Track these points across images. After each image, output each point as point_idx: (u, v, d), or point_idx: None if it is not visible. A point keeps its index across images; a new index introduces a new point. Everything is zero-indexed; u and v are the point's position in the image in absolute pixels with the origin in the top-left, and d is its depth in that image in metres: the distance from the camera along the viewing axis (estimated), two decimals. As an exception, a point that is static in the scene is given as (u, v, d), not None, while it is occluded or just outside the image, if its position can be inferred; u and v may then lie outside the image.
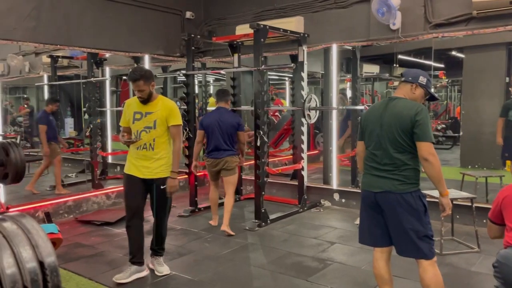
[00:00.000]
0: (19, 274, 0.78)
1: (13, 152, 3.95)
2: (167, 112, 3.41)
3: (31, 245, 0.83)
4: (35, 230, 0.85)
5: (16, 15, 5.06)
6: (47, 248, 0.83)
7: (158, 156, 3.43)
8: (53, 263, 0.82)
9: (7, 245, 0.80)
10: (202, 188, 6.82)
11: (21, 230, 0.85)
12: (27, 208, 5.15)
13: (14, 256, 0.80)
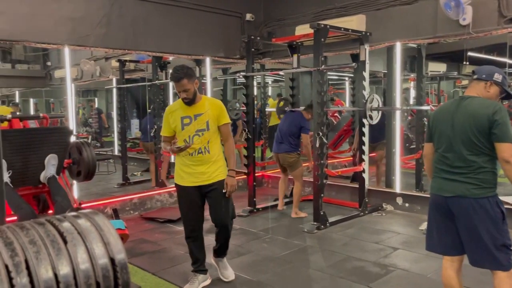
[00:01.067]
0: (92, 270, 0.82)
1: (85, 151, 4.21)
2: (218, 110, 3.23)
3: (103, 242, 0.86)
4: (107, 227, 0.89)
5: (89, 23, 5.38)
6: (118, 246, 0.86)
7: (214, 159, 3.24)
8: (123, 260, 0.84)
9: (81, 242, 0.84)
10: (260, 188, 6.86)
11: (94, 227, 0.88)
12: (97, 204, 5.46)
13: (87, 252, 0.83)
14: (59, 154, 3.90)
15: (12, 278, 0.74)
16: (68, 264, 0.80)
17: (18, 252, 0.78)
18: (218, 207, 3.29)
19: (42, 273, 0.77)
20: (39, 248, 0.80)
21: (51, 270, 0.78)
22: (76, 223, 0.89)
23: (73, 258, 0.82)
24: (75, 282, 0.80)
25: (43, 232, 0.84)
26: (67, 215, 0.93)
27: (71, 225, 0.88)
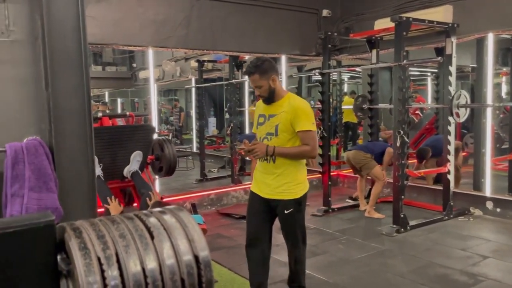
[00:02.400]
0: (177, 266, 0.82)
1: (167, 148, 4.41)
2: (292, 114, 2.63)
3: (188, 239, 0.86)
4: (191, 224, 0.89)
5: (170, 25, 5.62)
6: (201, 243, 0.86)
7: (280, 171, 2.68)
8: (207, 258, 0.84)
9: (167, 237, 0.85)
10: (336, 188, 6.71)
11: (179, 223, 0.89)
12: (176, 199, 5.70)
13: (173, 248, 0.84)
14: (143, 150, 4.12)
15: (103, 270, 0.77)
16: (155, 259, 0.82)
17: (109, 245, 0.80)
18: (282, 226, 2.84)
19: (131, 266, 0.79)
20: (128, 242, 0.82)
21: (139, 264, 0.80)
22: (162, 218, 0.90)
23: (159, 254, 0.83)
24: (161, 277, 0.81)
25: (132, 227, 0.86)
26: (153, 210, 0.95)
27: (158, 221, 0.89)
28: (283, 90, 2.78)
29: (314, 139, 2.69)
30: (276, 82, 2.70)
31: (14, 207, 1.54)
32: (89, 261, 0.76)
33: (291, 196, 2.69)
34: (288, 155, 2.68)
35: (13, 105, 1.66)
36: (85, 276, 0.75)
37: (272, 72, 2.69)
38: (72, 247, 0.78)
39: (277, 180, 2.70)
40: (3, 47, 1.62)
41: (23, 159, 1.57)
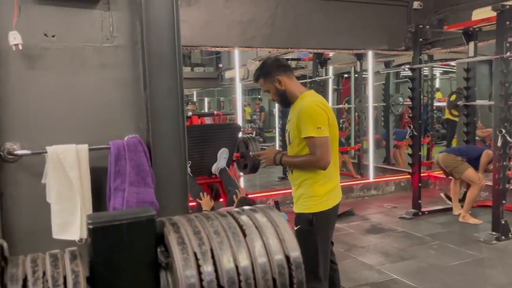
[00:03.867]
0: (269, 265, 0.82)
1: (252, 146, 4.50)
2: (298, 118, 2.30)
3: (279, 239, 0.86)
4: (282, 224, 0.89)
5: (256, 25, 5.71)
6: (293, 243, 0.86)
7: (297, 182, 2.39)
8: (298, 259, 0.83)
9: (259, 236, 0.86)
10: (426, 190, 6.33)
11: (270, 223, 0.89)
12: (260, 195, 5.79)
13: (264, 247, 0.84)
14: (229, 148, 4.25)
15: (199, 265, 0.79)
16: (247, 257, 0.83)
17: (204, 241, 0.83)
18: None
19: (225, 263, 0.81)
20: (222, 239, 0.84)
21: (232, 261, 0.82)
22: (253, 217, 0.91)
23: (252, 252, 0.84)
24: (253, 275, 0.81)
25: (225, 224, 0.88)
26: (245, 208, 0.96)
27: (249, 219, 0.91)
28: (298, 90, 2.40)
29: (320, 147, 2.25)
30: (283, 83, 2.37)
31: (116, 200, 1.67)
32: (187, 256, 0.80)
33: (301, 209, 2.37)
34: (293, 165, 2.41)
35: (116, 105, 1.80)
36: (183, 270, 0.78)
37: (276, 73, 2.37)
38: (171, 241, 0.82)
39: (296, 192, 2.43)
40: (108, 52, 1.76)
41: (124, 155, 1.69)
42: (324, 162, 2.27)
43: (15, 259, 0.75)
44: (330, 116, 2.32)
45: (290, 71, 2.44)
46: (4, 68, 1.60)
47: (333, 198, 2.36)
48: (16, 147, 1.61)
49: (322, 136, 2.24)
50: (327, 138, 2.26)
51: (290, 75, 2.41)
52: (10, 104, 1.62)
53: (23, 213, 1.64)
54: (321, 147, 2.25)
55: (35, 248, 1.60)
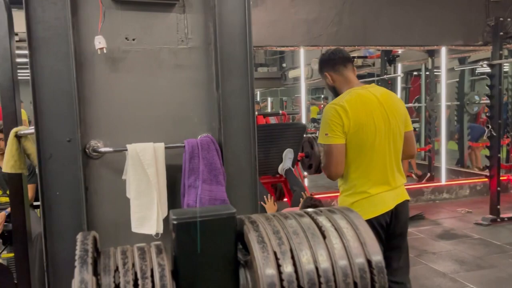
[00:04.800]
0: (349, 269, 0.80)
1: (316, 146, 4.45)
2: None
3: (360, 242, 0.83)
4: (363, 227, 0.86)
5: (322, 23, 5.65)
6: (374, 247, 0.83)
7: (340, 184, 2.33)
8: (381, 263, 0.80)
9: (339, 238, 0.84)
10: (506, 194, 5.89)
11: (350, 225, 0.87)
12: (324, 196, 5.71)
13: (345, 250, 0.82)
14: (294, 148, 4.23)
15: (279, 265, 0.79)
16: (327, 259, 0.81)
17: (284, 241, 0.83)
18: None
19: (305, 264, 0.80)
20: (301, 239, 0.83)
21: (312, 262, 0.81)
22: (332, 218, 0.90)
23: (332, 254, 0.82)
24: (334, 278, 0.80)
25: (303, 224, 0.87)
26: (323, 209, 0.95)
27: (328, 221, 0.89)
28: (347, 86, 2.28)
29: (327, 154, 2.18)
30: (330, 79, 2.32)
31: (190, 197, 1.72)
32: (267, 255, 0.80)
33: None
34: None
35: (190, 105, 1.85)
36: (264, 268, 0.78)
37: (325, 68, 2.33)
38: (251, 239, 0.82)
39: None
40: (183, 54, 1.82)
41: (198, 154, 1.74)
42: (327, 172, 2.22)
43: (107, 251, 0.80)
44: (357, 120, 2.12)
45: (341, 64, 2.29)
46: (90, 71, 1.71)
47: (363, 211, 2.11)
48: (100, 145, 1.71)
49: (328, 144, 2.16)
50: (334, 147, 2.13)
51: (340, 70, 2.30)
52: (94, 105, 1.72)
53: (106, 207, 1.74)
54: (326, 156, 2.19)
55: (116, 240, 1.70)
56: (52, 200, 1.65)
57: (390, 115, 2.20)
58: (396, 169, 2.24)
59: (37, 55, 1.61)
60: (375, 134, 2.16)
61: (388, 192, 2.20)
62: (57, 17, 1.62)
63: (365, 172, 2.18)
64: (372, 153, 2.17)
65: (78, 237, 0.78)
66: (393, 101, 2.27)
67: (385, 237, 2.21)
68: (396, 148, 2.24)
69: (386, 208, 2.18)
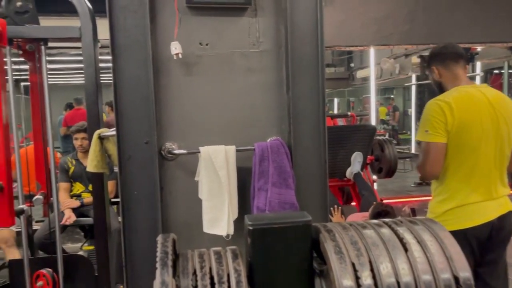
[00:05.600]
0: (434, 284, 0.75)
1: (387, 149, 4.29)
2: None
3: (445, 256, 0.78)
4: (448, 240, 0.81)
5: (393, 21, 5.43)
6: (462, 262, 0.77)
7: (433, 189, 2.20)
8: (469, 281, 0.75)
9: (422, 251, 0.79)
10: None
11: (434, 238, 0.82)
12: (395, 202, 5.49)
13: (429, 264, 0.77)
14: (363, 150, 4.11)
15: (358, 277, 0.76)
16: (409, 273, 0.77)
17: (362, 252, 0.80)
18: None
19: (385, 277, 0.77)
20: (381, 251, 0.80)
21: (393, 275, 0.77)
22: (414, 230, 0.85)
23: (414, 268, 0.78)
24: (417, 293, 0.75)
25: (383, 235, 0.84)
26: (403, 220, 0.90)
27: (410, 232, 0.84)
28: (452, 83, 2.14)
29: (422, 153, 2.05)
30: (437, 73, 2.18)
31: (260, 199, 1.73)
32: (344, 266, 0.77)
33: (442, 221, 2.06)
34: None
35: (260, 108, 1.86)
36: (341, 279, 0.76)
37: (434, 62, 2.20)
38: (328, 249, 0.80)
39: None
40: (254, 57, 1.83)
41: (268, 157, 1.74)
42: (422, 171, 2.09)
43: (185, 254, 0.82)
44: (463, 119, 1.96)
45: (451, 60, 2.15)
46: (166, 75, 1.78)
47: (457, 220, 2.00)
48: (175, 147, 1.77)
49: (427, 141, 2.02)
50: (433, 145, 1.99)
51: (450, 65, 2.15)
52: (170, 108, 1.79)
53: (179, 207, 1.80)
54: (423, 154, 2.05)
55: (188, 239, 1.75)
56: (130, 199, 1.74)
57: (500, 119, 2.02)
58: (499, 178, 2.06)
59: (119, 61, 1.70)
60: (481, 137, 1.99)
61: (489, 202, 2.03)
62: (137, 25, 1.71)
63: (465, 177, 2.01)
64: (476, 157, 2.00)
65: (159, 239, 0.81)
66: (507, 104, 2.08)
67: (480, 250, 2.03)
68: (503, 156, 2.05)
69: (485, 219, 2.00)
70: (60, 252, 2.28)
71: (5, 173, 1.89)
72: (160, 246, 0.78)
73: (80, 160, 3.85)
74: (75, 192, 3.90)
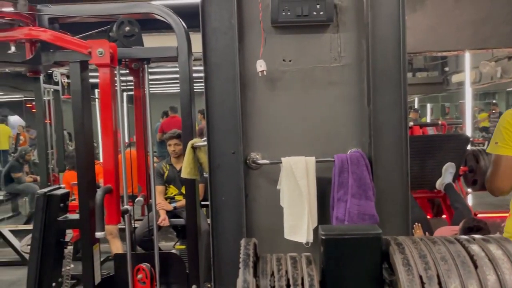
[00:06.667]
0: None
1: (483, 160, 4.03)
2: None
3: (518, 276, 0.79)
4: (522, 259, 0.81)
5: (491, 23, 5.09)
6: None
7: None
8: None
9: (492, 269, 0.81)
10: None
11: (506, 256, 0.83)
12: (492, 216, 5.09)
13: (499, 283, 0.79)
14: (455, 161, 3.91)
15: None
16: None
17: (431, 266, 0.83)
18: None
19: (452, 292, 0.79)
20: (450, 266, 0.83)
21: (461, 291, 0.79)
22: (486, 247, 0.86)
23: (484, 285, 0.80)
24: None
25: (453, 251, 0.86)
26: (476, 237, 0.91)
27: (481, 250, 0.86)
28: None
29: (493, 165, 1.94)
30: None
31: (339, 210, 1.78)
32: (412, 278, 0.81)
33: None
34: None
35: (341, 120, 1.92)
36: (408, 291, 0.80)
37: None
38: (396, 261, 0.85)
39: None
40: (336, 71, 1.90)
41: (347, 168, 1.79)
42: (489, 185, 1.99)
43: (265, 257, 0.92)
44: None
45: None
46: (252, 90, 1.91)
47: None
48: (259, 157, 1.90)
49: (496, 154, 1.93)
50: (503, 158, 1.89)
51: None
52: (254, 120, 1.92)
53: (262, 214, 1.92)
54: (492, 167, 1.96)
55: (269, 244, 1.86)
56: (218, 205, 1.90)
57: None
58: None
59: (210, 78, 1.88)
60: None
61: None
62: (227, 44, 1.87)
63: None
64: None
65: (242, 242, 0.92)
66: None
67: None
68: None
69: None
70: (157, 249, 2.53)
71: (114, 176, 2.17)
72: (243, 249, 0.89)
73: (174, 165, 4.18)
74: (169, 195, 4.24)
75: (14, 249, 4.82)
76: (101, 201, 2.05)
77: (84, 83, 2.29)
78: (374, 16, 1.84)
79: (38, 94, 5.68)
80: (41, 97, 5.68)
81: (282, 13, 1.83)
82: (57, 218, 2.44)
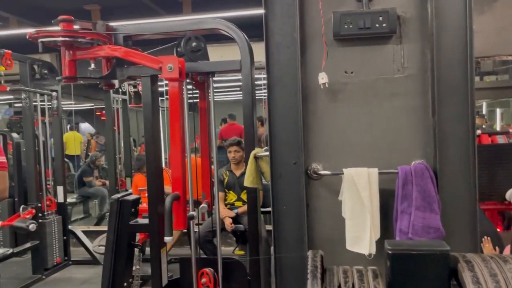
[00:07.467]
0: None
1: (560, 171, 3.76)
2: None
3: None
4: None
5: None
6: None
7: None
8: None
9: None
10: None
11: None
12: None
13: None
14: (528, 171, 3.68)
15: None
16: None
17: (502, 285, 0.82)
18: None
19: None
20: (522, 287, 0.82)
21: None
22: None
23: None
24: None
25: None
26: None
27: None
28: None
29: None
30: None
31: (402, 222, 1.77)
32: (481, 296, 0.81)
33: None
34: None
35: (404, 131, 1.90)
36: (478, 309, 0.80)
37: None
38: (465, 279, 0.85)
39: None
40: (398, 82, 1.89)
41: (411, 180, 1.77)
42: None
43: (332, 269, 0.96)
44: None
45: None
46: (313, 102, 1.95)
47: None
48: (320, 168, 1.93)
49: None
50: None
51: None
52: (316, 131, 1.96)
53: (323, 224, 1.94)
54: None
55: (331, 254, 1.88)
56: (280, 213, 1.95)
57: None
58: None
59: (273, 91, 1.94)
60: None
61: None
62: (289, 58, 1.92)
63: None
64: None
65: (309, 254, 0.96)
66: None
67: None
68: None
69: None
70: (220, 255, 2.62)
71: (181, 184, 2.29)
72: (311, 261, 0.93)
73: (233, 171, 4.30)
74: (229, 201, 4.36)
75: (86, 249, 5.15)
76: (170, 207, 2.18)
77: (154, 95, 2.45)
78: (439, 25, 1.81)
79: (108, 103, 6.07)
80: (111, 106, 6.07)
81: (344, 26, 1.85)
82: (128, 222, 2.62)
